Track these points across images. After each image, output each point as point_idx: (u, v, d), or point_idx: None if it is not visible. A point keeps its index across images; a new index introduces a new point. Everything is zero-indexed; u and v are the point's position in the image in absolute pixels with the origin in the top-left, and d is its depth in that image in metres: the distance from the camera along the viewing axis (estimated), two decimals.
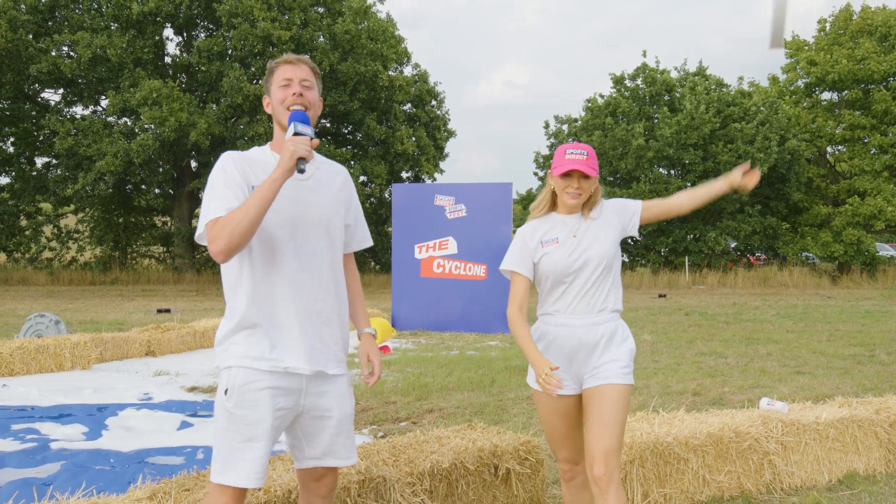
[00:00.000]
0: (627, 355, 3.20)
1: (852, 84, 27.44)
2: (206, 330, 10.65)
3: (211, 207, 2.61)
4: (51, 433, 5.75)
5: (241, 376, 2.63)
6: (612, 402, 3.10)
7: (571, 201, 3.22)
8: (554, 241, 3.24)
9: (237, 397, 2.62)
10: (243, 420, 2.62)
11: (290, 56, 2.84)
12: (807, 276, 26.35)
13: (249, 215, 2.50)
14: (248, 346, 2.66)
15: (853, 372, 8.74)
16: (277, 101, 2.77)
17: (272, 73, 2.82)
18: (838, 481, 4.73)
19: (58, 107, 25.56)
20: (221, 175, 2.66)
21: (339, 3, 25.38)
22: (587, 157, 3.18)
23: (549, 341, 3.23)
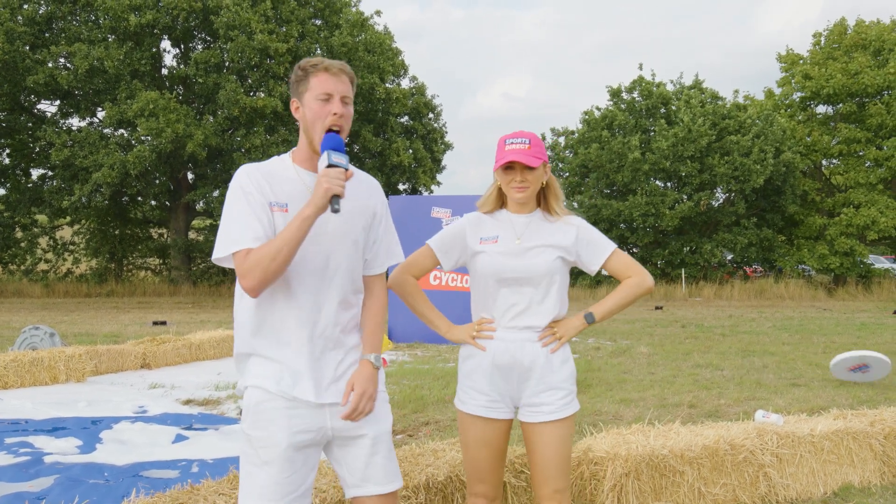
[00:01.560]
0: (568, 381, 2.95)
1: (847, 98, 27.56)
2: (202, 342, 10.63)
3: (234, 234, 2.48)
4: (44, 447, 5.72)
5: (255, 395, 2.54)
6: (556, 442, 2.91)
7: (517, 195, 2.92)
8: (493, 240, 2.98)
9: (252, 417, 2.54)
10: (258, 442, 2.51)
11: (330, 63, 2.59)
12: (803, 288, 26.37)
13: (282, 254, 2.40)
14: (262, 368, 2.56)
15: (848, 384, 8.74)
16: (313, 115, 2.55)
17: (306, 78, 2.58)
18: (833, 494, 4.72)
19: (54, 118, 25.59)
20: (241, 196, 2.52)
21: (337, 16, 25.47)
22: (529, 145, 2.88)
23: (479, 355, 2.98)
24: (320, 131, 2.54)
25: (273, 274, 2.42)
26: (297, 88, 2.60)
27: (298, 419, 2.53)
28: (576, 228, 3.00)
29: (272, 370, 2.54)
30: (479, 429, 2.96)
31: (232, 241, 2.47)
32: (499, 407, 2.96)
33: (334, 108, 2.54)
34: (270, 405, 2.51)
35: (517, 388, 2.95)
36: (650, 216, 26.01)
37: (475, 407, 2.96)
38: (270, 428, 2.50)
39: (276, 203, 2.53)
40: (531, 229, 2.98)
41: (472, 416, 2.96)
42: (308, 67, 2.58)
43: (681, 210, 25.67)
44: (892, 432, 4.97)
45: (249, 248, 2.44)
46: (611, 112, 27.78)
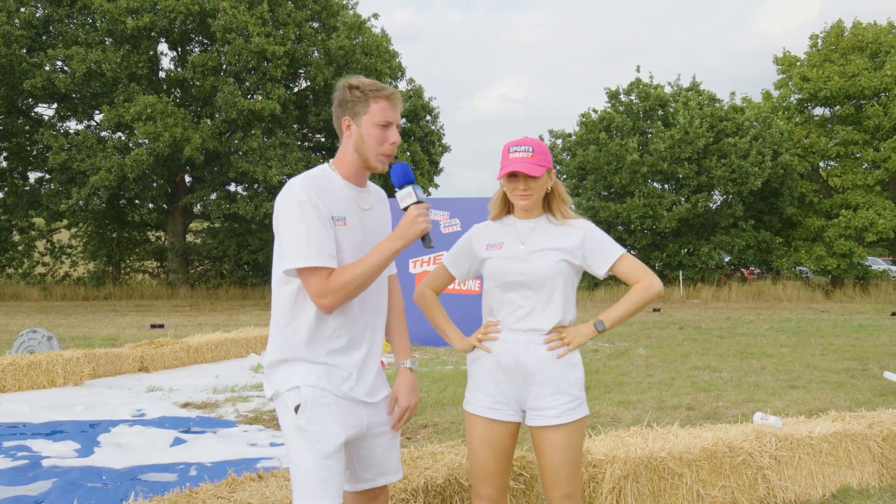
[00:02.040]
0: (574, 386, 2.94)
1: (844, 100, 27.60)
2: (200, 345, 10.62)
3: (314, 248, 2.54)
4: (42, 450, 5.71)
5: (310, 392, 2.61)
6: (562, 446, 2.91)
7: (521, 202, 2.97)
8: (498, 246, 3.03)
9: (309, 412, 2.59)
10: (317, 436, 2.59)
11: (391, 92, 2.69)
12: (800, 290, 26.40)
13: (368, 281, 2.57)
14: (314, 369, 2.65)
15: (846, 386, 8.75)
16: (372, 140, 2.66)
17: (366, 101, 2.67)
18: (832, 496, 4.73)
19: (51, 121, 25.55)
20: (311, 210, 2.57)
21: (334, 19, 25.47)
22: (532, 153, 2.92)
23: (485, 357, 3.04)
24: (377, 155, 2.68)
25: (353, 297, 2.59)
26: (353, 108, 2.68)
27: (350, 415, 2.67)
28: (583, 231, 3.00)
29: (324, 371, 2.65)
30: (484, 430, 3.00)
31: (312, 255, 2.54)
32: (503, 409, 2.99)
33: (393, 137, 2.68)
34: (326, 401, 2.62)
35: (522, 391, 2.97)
36: (648, 218, 26.03)
37: (480, 408, 3.01)
38: (329, 422, 2.61)
39: (337, 217, 2.63)
40: (536, 234, 3.01)
41: (477, 416, 3.01)
42: (368, 91, 2.66)
43: (678, 212, 25.69)
44: (891, 434, 4.97)
45: (331, 269, 2.55)
46: (608, 114, 27.80)
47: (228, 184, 26.37)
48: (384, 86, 2.69)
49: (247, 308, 21.81)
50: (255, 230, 26.33)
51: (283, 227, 2.59)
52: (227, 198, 25.27)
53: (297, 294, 2.64)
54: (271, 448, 5.91)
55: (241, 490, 3.52)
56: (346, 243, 2.65)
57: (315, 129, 27.23)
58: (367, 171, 2.74)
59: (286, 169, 23.37)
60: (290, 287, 2.65)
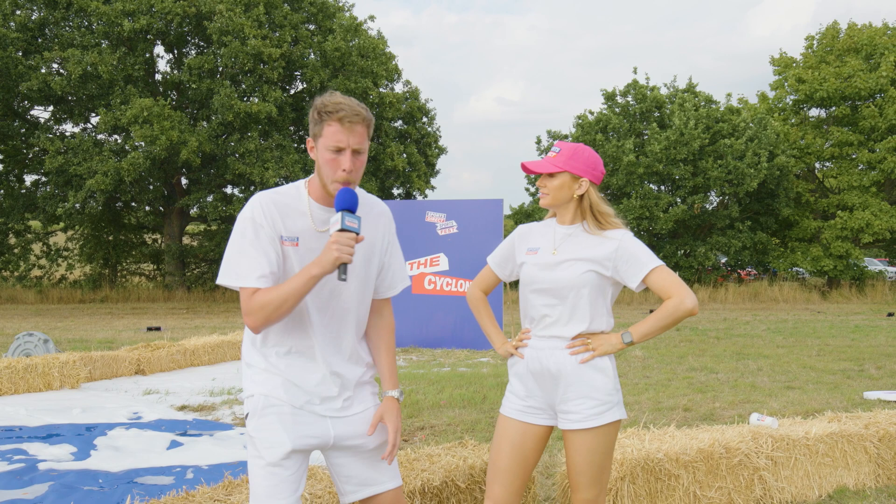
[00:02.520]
0: (601, 391, 2.94)
1: (840, 101, 27.65)
2: (197, 348, 10.61)
3: (242, 268, 2.55)
4: (39, 453, 5.71)
5: (260, 401, 2.61)
6: (584, 450, 2.92)
7: (541, 201, 3.02)
8: (534, 252, 3.06)
9: (257, 420, 2.60)
10: (263, 443, 2.58)
11: (345, 113, 2.52)
12: (797, 291, 26.43)
13: (287, 305, 2.49)
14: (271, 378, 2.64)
15: (843, 387, 8.76)
16: (324, 164, 2.55)
17: (321, 122, 2.54)
18: (828, 496, 4.73)
19: (48, 124, 25.52)
20: (252, 229, 2.56)
21: (330, 21, 25.48)
22: (556, 154, 2.97)
23: (519, 362, 3.07)
24: (331, 181, 2.57)
25: (276, 319, 2.52)
26: (313, 129, 2.60)
27: (307, 426, 2.62)
28: (616, 242, 2.97)
29: (281, 383, 2.63)
30: (509, 429, 3.04)
31: (239, 274, 2.55)
32: (535, 412, 3.04)
33: (344, 163, 2.54)
34: (279, 410, 2.60)
35: (551, 394, 3.00)
36: (644, 219, 26.05)
37: (511, 410, 3.07)
38: (277, 430, 2.57)
39: (287, 237, 2.59)
40: (569, 241, 3.01)
41: (508, 418, 3.07)
42: (323, 113, 2.54)
43: (675, 213, 25.71)
44: (887, 435, 4.98)
45: (256, 288, 2.53)
46: (605, 116, 27.83)
47: (225, 186, 26.36)
48: (341, 106, 2.53)
49: None
50: None
51: (230, 239, 2.62)
52: (224, 200, 25.26)
53: None
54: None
55: (237, 492, 3.52)
56: (298, 264, 2.59)
57: None
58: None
59: (283, 171, 23.36)
60: None
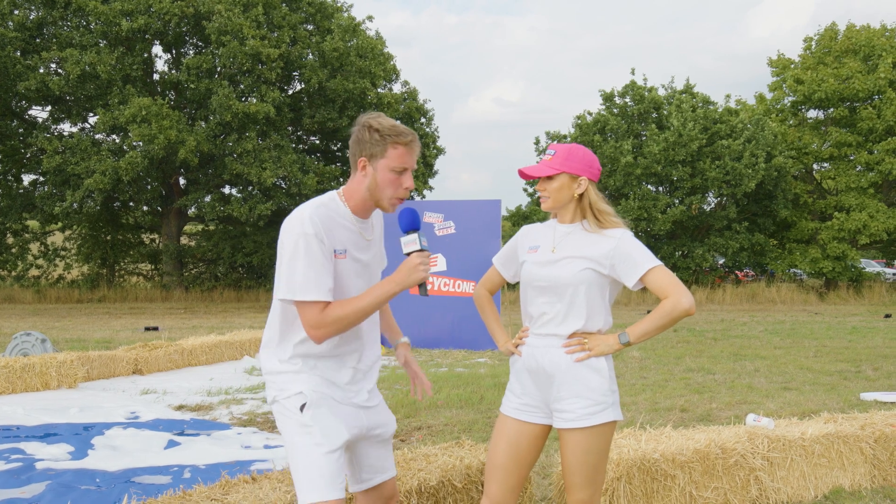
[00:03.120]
0: (596, 391, 2.94)
1: (838, 102, 27.70)
2: (194, 348, 10.61)
3: (312, 281, 2.63)
4: (36, 453, 5.71)
5: (314, 395, 2.72)
6: (578, 450, 2.92)
7: (542, 204, 3.04)
8: (534, 250, 3.08)
9: (315, 410, 2.70)
10: (322, 432, 2.68)
11: (408, 136, 2.74)
12: (794, 292, 26.46)
13: (360, 318, 2.67)
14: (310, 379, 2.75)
15: (839, 388, 8.78)
16: (386, 184, 2.74)
17: (384, 144, 2.71)
18: (824, 497, 4.75)
19: (45, 124, 25.51)
20: (311, 245, 2.64)
21: (329, 21, 25.47)
22: (552, 156, 2.99)
23: (517, 360, 3.10)
24: (390, 198, 2.76)
25: (345, 331, 2.70)
26: (370, 149, 2.73)
27: (351, 417, 2.79)
28: (615, 241, 2.98)
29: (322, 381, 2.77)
30: (506, 427, 3.07)
31: (311, 288, 2.63)
32: (531, 411, 3.05)
33: (407, 182, 2.76)
34: (329, 403, 2.74)
35: (546, 393, 3.00)
36: (642, 220, 26.07)
37: (508, 408, 3.10)
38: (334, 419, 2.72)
39: (338, 250, 2.72)
40: (568, 240, 3.02)
41: (505, 416, 3.10)
42: (387, 136, 2.70)
43: (673, 214, 25.74)
44: (883, 436, 5.00)
45: (327, 302, 2.64)
46: (603, 117, 27.86)
47: (223, 186, 26.35)
48: (404, 131, 2.73)
49: (241, 311, 21.79)
50: (250, 232, 26.31)
51: (285, 255, 2.66)
52: (222, 200, 25.25)
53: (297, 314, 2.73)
54: (265, 450, 5.91)
55: (234, 492, 3.52)
56: (345, 274, 2.74)
57: (310, 131, 27.22)
58: (375, 208, 2.83)
59: (281, 171, 23.36)
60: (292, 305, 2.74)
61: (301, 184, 23.59)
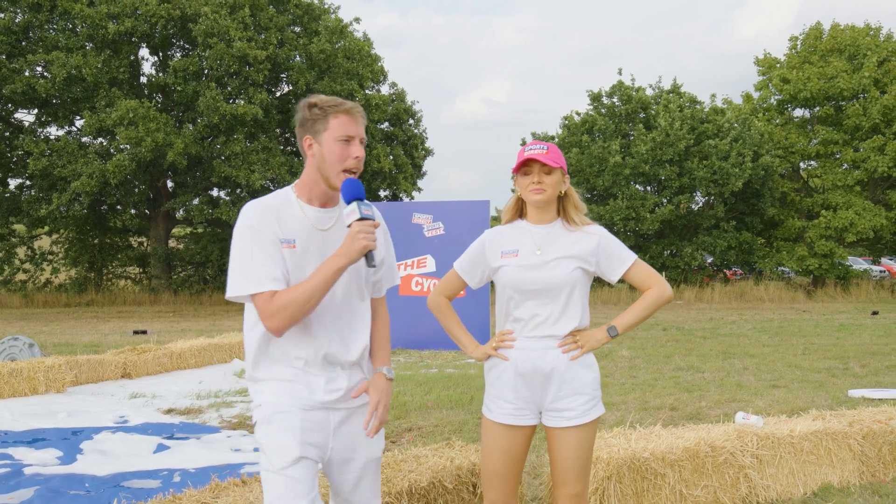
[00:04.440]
0: (590, 386, 3.02)
1: (824, 101, 27.85)
2: (183, 351, 10.57)
3: (254, 273, 2.55)
4: (24, 458, 5.68)
5: (269, 410, 2.63)
6: (576, 446, 2.98)
7: (535, 196, 2.98)
8: (513, 254, 3.04)
9: (266, 427, 2.63)
10: (273, 450, 2.60)
11: (350, 105, 2.67)
12: (782, 290, 26.57)
13: (313, 301, 2.53)
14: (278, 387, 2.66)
15: (828, 385, 8.82)
16: (333, 157, 2.63)
17: (325, 118, 2.64)
18: (813, 494, 4.77)
19: (32, 127, 25.34)
20: (254, 235, 2.58)
21: (316, 23, 25.44)
22: (547, 150, 2.98)
23: (503, 364, 3.04)
24: (338, 172, 2.64)
25: (300, 318, 2.55)
26: (313, 126, 2.66)
27: (312, 433, 2.64)
28: (597, 238, 3.06)
29: (287, 388, 2.65)
30: (503, 437, 3.04)
31: (252, 280, 2.55)
32: (524, 414, 3.04)
33: (355, 151, 2.65)
34: (284, 417, 2.61)
35: (540, 394, 3.01)
36: (631, 220, 26.14)
37: (501, 415, 3.04)
38: (286, 436, 2.59)
39: (284, 240, 2.61)
40: (550, 240, 3.03)
41: (497, 423, 3.04)
42: (327, 107, 2.64)
43: (661, 214, 25.81)
44: (871, 432, 5.02)
45: (273, 291, 2.55)
46: (591, 117, 27.91)
47: (211, 189, 26.27)
48: (343, 101, 2.67)
49: (230, 314, 21.74)
50: None
51: (231, 252, 2.62)
52: (210, 203, 25.17)
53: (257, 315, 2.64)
54: (255, 453, 5.90)
55: (224, 495, 3.52)
56: (299, 265, 2.63)
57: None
58: (332, 191, 2.70)
59: (269, 173, 23.31)
60: (251, 307, 2.67)
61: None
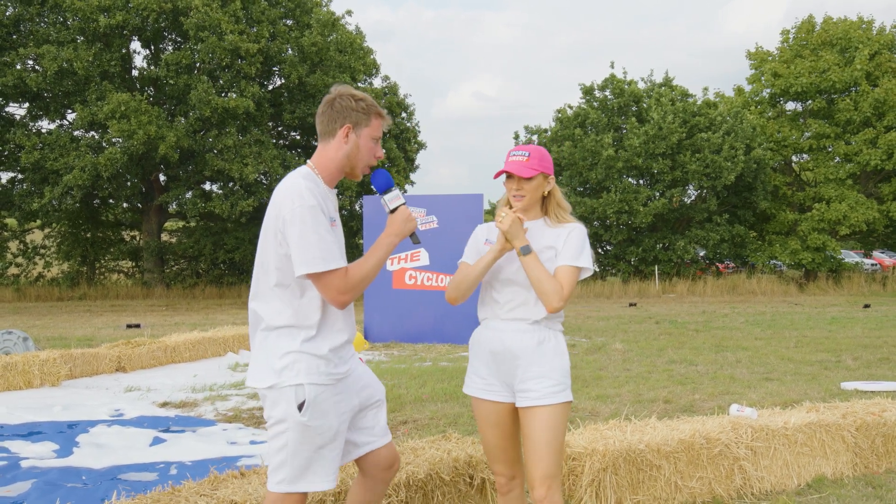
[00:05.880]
0: (559, 371, 3.11)
1: (815, 94, 27.92)
2: (177, 345, 10.57)
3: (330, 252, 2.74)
4: (20, 451, 5.68)
5: (313, 390, 2.77)
6: (543, 426, 3.05)
7: (515, 203, 3.17)
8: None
9: (313, 409, 2.76)
10: (317, 430, 2.78)
11: (383, 110, 2.98)
12: (774, 283, 26.67)
13: (375, 274, 2.87)
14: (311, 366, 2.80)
15: (820, 377, 8.87)
16: (366, 151, 2.94)
17: (368, 115, 2.92)
18: (807, 485, 4.80)
19: (23, 121, 25.23)
20: (321, 215, 2.77)
21: (308, 16, 25.38)
22: (528, 157, 3.14)
23: (479, 343, 3.22)
24: (364, 166, 2.98)
25: (363, 291, 2.87)
26: (356, 117, 2.91)
27: (343, 402, 2.88)
28: (567, 230, 3.18)
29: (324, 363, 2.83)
30: (485, 409, 3.22)
31: (329, 257, 2.74)
32: (496, 390, 3.19)
33: (380, 152, 3.01)
34: (325, 395, 2.80)
35: (509, 374, 3.14)
36: (624, 213, 26.19)
37: (474, 389, 3.24)
38: (330, 415, 2.81)
39: (331, 218, 2.86)
40: (531, 235, 3.18)
41: (474, 398, 3.25)
42: (371, 106, 2.93)
43: (654, 207, 25.87)
44: (864, 424, 5.06)
45: (347, 267, 2.79)
46: (583, 110, 27.93)
47: (204, 182, 26.22)
48: (379, 106, 2.99)
49: (223, 307, 21.71)
50: (231, 229, 26.19)
51: (295, 232, 2.73)
52: (203, 196, 25.11)
53: (304, 294, 2.80)
54: (251, 446, 5.91)
55: (223, 487, 3.53)
56: (337, 240, 2.86)
57: (290, 126, 27.13)
58: (342, 176, 2.99)
59: (262, 167, 23.27)
60: (292, 289, 2.80)
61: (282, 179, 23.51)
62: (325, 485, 2.82)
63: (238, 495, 3.38)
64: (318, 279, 2.74)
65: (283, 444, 2.78)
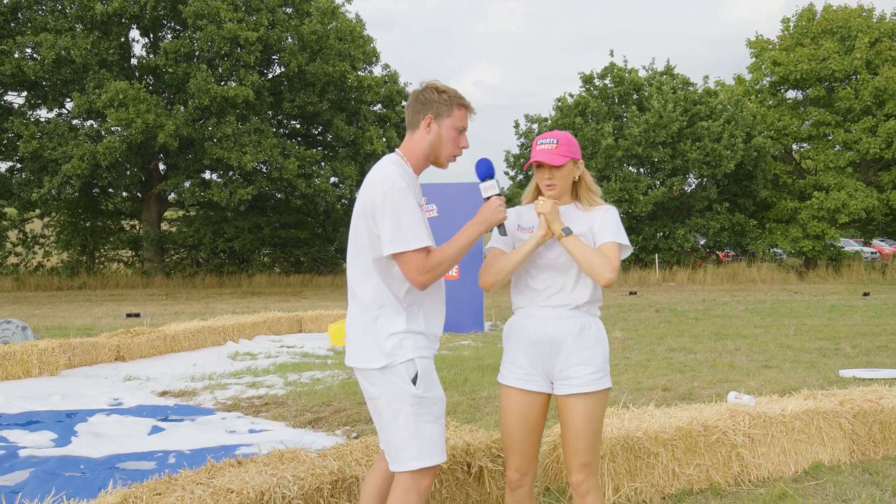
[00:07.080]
0: (599, 358, 3.11)
1: (815, 82, 27.84)
2: (177, 334, 10.57)
3: (418, 231, 2.85)
4: (19, 440, 5.68)
5: (423, 363, 2.92)
6: (584, 414, 3.07)
7: (548, 192, 3.17)
8: (530, 230, 3.21)
9: (427, 380, 2.90)
10: (433, 401, 2.92)
11: (468, 100, 3.07)
12: (774, 271, 26.67)
13: (456, 260, 2.96)
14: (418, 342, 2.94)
15: (819, 365, 8.87)
16: (448, 141, 3.03)
17: (450, 106, 3.01)
18: (804, 472, 4.81)
19: (21, 109, 25.18)
20: (411, 197, 2.88)
21: (307, 4, 25.28)
22: (556, 145, 3.13)
23: (517, 332, 3.19)
24: (448, 156, 3.07)
25: (442, 275, 2.95)
26: (437, 108, 3.02)
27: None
28: (602, 212, 3.18)
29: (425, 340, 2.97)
30: (516, 400, 3.18)
31: (420, 235, 2.86)
32: (534, 380, 3.16)
33: (464, 143, 3.09)
34: (431, 370, 2.96)
35: (550, 362, 3.13)
36: (624, 202, 26.17)
37: (512, 379, 3.19)
38: (439, 386, 2.98)
39: (419, 202, 2.97)
40: (563, 220, 3.15)
41: (509, 387, 3.20)
42: (453, 97, 3.02)
43: (654, 196, 25.84)
44: (861, 412, 5.06)
45: (430, 248, 2.89)
46: (584, 99, 27.87)
47: (203, 171, 26.19)
48: (464, 95, 3.07)
49: (223, 296, 21.72)
50: (231, 217, 26.18)
51: (387, 213, 2.85)
52: (202, 185, 25.09)
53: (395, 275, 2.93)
54: (250, 434, 5.91)
55: (220, 476, 3.53)
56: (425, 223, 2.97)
57: (290, 115, 27.07)
58: (428, 165, 3.10)
59: (261, 155, 23.23)
60: (384, 269, 2.93)
61: (282, 168, 23.47)
62: (443, 456, 2.95)
63: (235, 484, 3.38)
64: (401, 257, 2.85)
65: (404, 422, 2.88)
